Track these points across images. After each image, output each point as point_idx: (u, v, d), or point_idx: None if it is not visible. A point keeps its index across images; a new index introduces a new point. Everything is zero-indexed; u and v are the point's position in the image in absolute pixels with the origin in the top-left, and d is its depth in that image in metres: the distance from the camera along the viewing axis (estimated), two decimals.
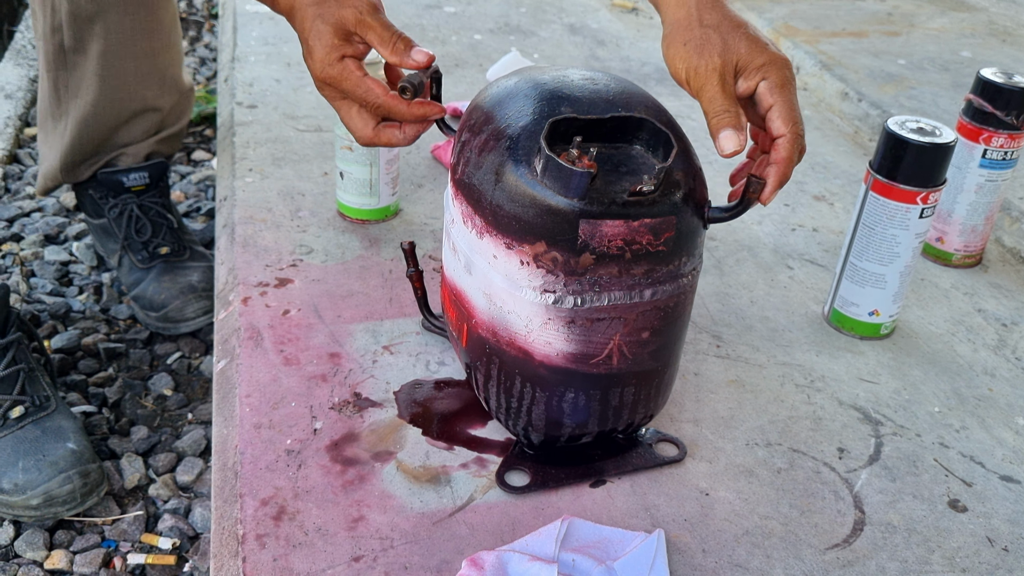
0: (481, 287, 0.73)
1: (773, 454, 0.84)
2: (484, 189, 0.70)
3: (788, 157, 0.74)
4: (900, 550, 0.75)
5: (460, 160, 0.74)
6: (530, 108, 0.70)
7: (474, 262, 0.73)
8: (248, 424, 0.81)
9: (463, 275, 0.76)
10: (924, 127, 0.93)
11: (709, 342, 0.97)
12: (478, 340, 0.76)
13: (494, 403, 0.78)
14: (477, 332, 0.75)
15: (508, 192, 0.68)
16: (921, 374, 0.96)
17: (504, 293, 0.71)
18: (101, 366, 1.27)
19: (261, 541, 0.71)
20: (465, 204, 0.73)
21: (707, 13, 0.76)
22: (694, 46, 0.75)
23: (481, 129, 0.72)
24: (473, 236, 0.72)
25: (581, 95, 0.71)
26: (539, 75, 0.74)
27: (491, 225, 0.70)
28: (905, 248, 0.94)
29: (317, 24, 0.79)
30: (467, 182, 0.72)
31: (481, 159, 0.71)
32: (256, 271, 1.02)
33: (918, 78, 1.60)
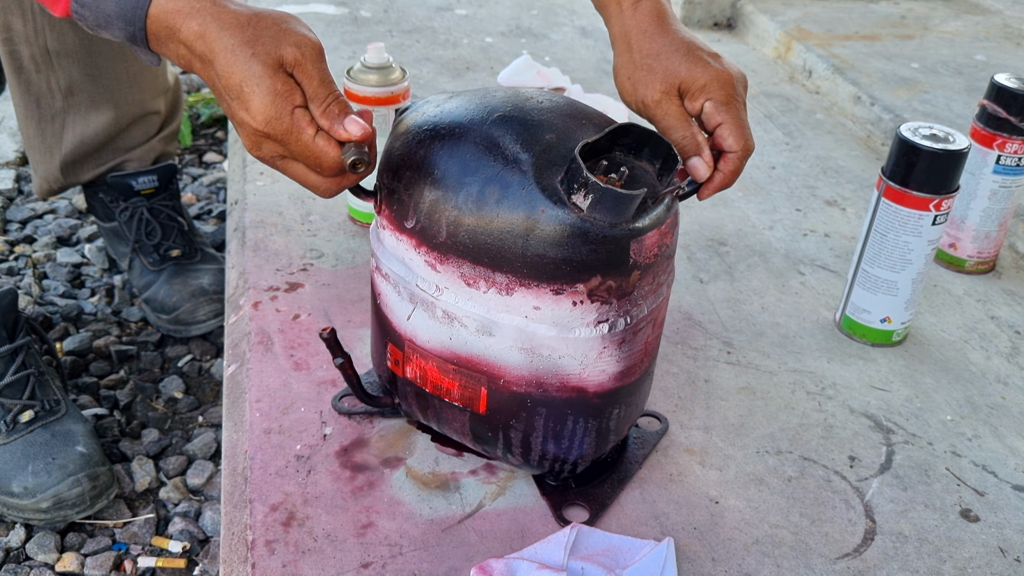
0: (515, 345, 0.68)
1: (784, 462, 0.83)
2: (508, 244, 0.64)
3: (736, 171, 0.75)
4: (911, 560, 0.75)
5: (434, 222, 0.66)
6: (513, 143, 0.65)
7: (498, 322, 0.67)
8: (258, 429, 0.82)
9: (475, 340, 0.69)
10: (937, 133, 0.92)
11: (720, 348, 0.97)
12: (512, 399, 0.70)
13: (536, 454, 0.73)
14: (510, 391, 0.70)
15: (550, 238, 0.63)
16: (933, 382, 0.95)
17: (553, 341, 0.67)
18: (112, 368, 1.27)
19: (271, 547, 0.71)
20: (472, 266, 0.66)
21: (646, 43, 0.76)
22: (638, 80, 0.76)
23: (457, 183, 0.65)
24: (494, 296, 0.67)
25: (531, 116, 0.67)
26: (469, 105, 0.68)
27: (528, 278, 0.65)
28: (918, 255, 0.94)
29: (253, 66, 0.64)
30: (468, 243, 0.65)
31: (487, 214, 0.64)
32: (267, 275, 1.02)
33: (931, 82, 1.60)
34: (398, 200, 0.69)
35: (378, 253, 0.73)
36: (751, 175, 1.33)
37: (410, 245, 0.69)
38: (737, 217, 1.22)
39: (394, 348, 0.74)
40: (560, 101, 0.70)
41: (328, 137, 0.66)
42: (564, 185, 0.63)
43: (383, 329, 0.75)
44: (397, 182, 0.69)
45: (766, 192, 1.29)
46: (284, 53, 0.64)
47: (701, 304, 1.04)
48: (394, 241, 0.70)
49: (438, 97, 0.72)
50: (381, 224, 0.72)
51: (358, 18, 1.81)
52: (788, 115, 1.54)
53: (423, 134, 0.68)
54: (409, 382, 0.75)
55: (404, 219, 0.68)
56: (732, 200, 1.26)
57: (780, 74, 1.72)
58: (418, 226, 0.67)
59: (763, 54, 1.81)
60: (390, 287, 0.72)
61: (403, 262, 0.70)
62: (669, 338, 0.98)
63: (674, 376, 0.92)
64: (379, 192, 0.71)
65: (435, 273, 0.68)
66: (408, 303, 0.71)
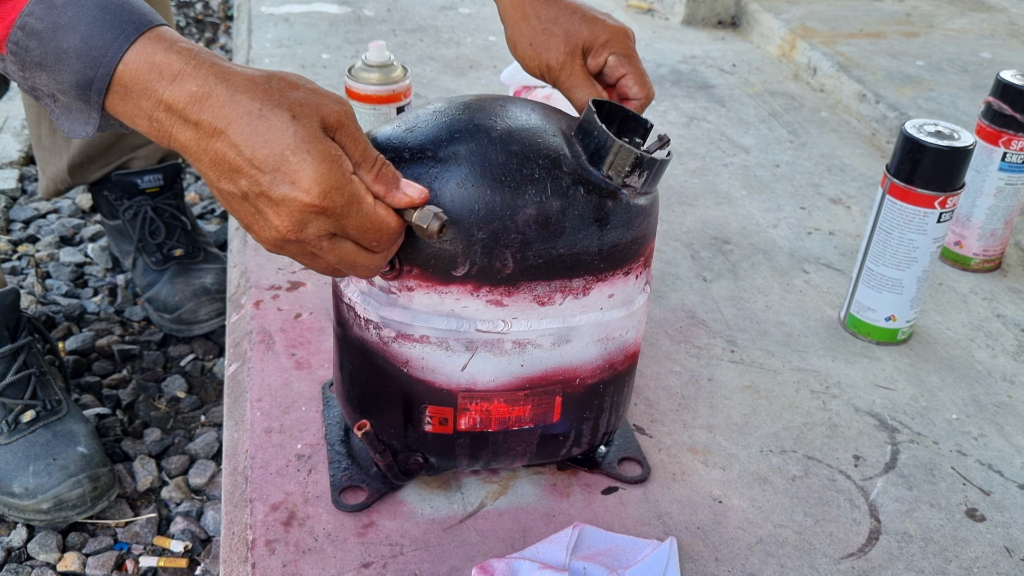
0: (591, 340, 0.69)
1: (787, 461, 0.83)
2: (583, 247, 0.64)
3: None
4: (916, 560, 0.74)
5: (496, 258, 0.63)
6: (539, 146, 0.64)
7: (575, 326, 0.68)
8: (259, 428, 0.81)
9: (550, 355, 0.68)
10: (942, 130, 0.91)
11: (723, 347, 0.96)
12: (587, 393, 0.72)
13: (601, 434, 0.75)
14: (586, 386, 0.71)
15: (622, 225, 0.65)
16: (939, 380, 0.95)
17: (623, 320, 0.70)
18: (115, 368, 1.27)
19: (271, 547, 0.70)
20: (547, 284, 0.65)
21: (543, 9, 0.78)
22: (540, 44, 0.78)
23: (511, 210, 0.62)
24: (570, 303, 0.67)
25: (509, 121, 0.66)
26: (450, 123, 0.65)
27: (604, 271, 0.66)
28: (923, 253, 0.93)
29: (298, 130, 0.54)
30: (540, 263, 0.64)
31: (555, 227, 0.63)
32: (268, 274, 1.02)
33: (937, 80, 1.59)
34: (434, 255, 0.63)
35: (403, 319, 0.66)
36: (755, 173, 1.33)
37: (463, 293, 0.64)
38: (741, 215, 1.22)
39: (438, 408, 0.69)
40: (498, 102, 0.69)
41: (386, 206, 0.58)
42: (613, 171, 0.65)
43: (414, 395, 0.69)
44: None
45: (770, 190, 1.29)
46: (326, 114, 0.55)
47: (705, 303, 1.03)
48: (435, 298, 0.65)
49: (389, 133, 0.65)
50: (405, 287, 0.65)
51: (361, 17, 1.81)
52: (792, 113, 1.54)
53: (434, 176, 0.62)
54: (463, 434, 0.71)
55: (451, 269, 0.63)
56: (736, 198, 1.26)
57: (784, 72, 1.71)
58: (473, 269, 0.63)
59: (767, 52, 1.80)
60: (431, 347, 0.67)
61: (451, 315, 0.65)
62: (672, 337, 0.97)
63: (677, 375, 0.92)
64: (397, 259, 0.64)
65: (501, 308, 0.65)
66: (463, 353, 0.67)
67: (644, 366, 0.92)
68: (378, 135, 0.66)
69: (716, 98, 1.57)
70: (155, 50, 0.54)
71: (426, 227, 0.58)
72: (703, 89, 1.61)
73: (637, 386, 0.90)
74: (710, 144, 1.41)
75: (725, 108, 1.54)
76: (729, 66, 1.72)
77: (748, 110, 1.54)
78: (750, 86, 1.63)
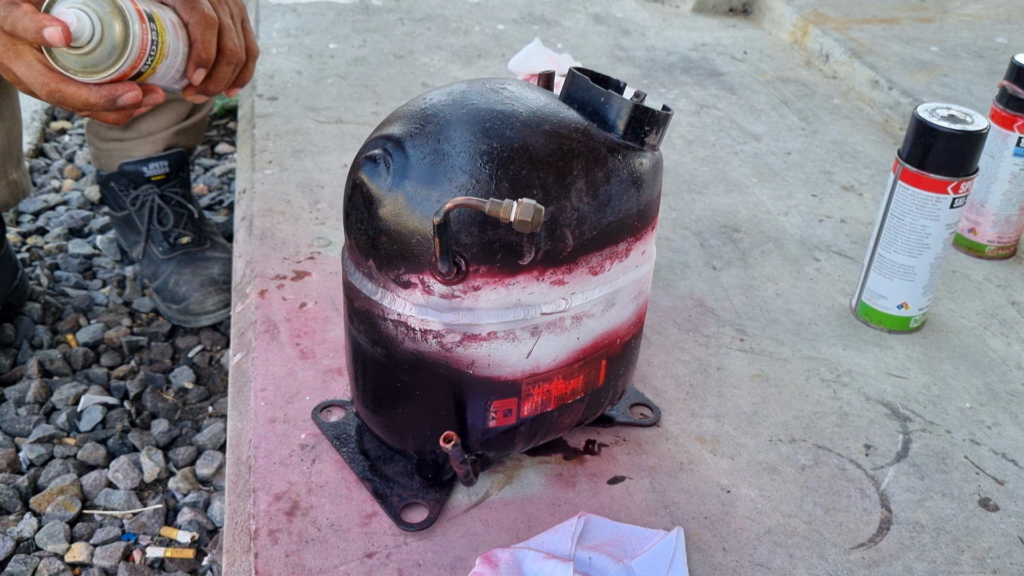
0: (629, 299, 0.71)
1: (797, 450, 0.82)
2: (625, 210, 0.66)
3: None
4: (928, 550, 0.73)
5: (558, 237, 0.63)
6: (564, 121, 0.64)
7: (619, 289, 0.69)
8: (263, 418, 0.81)
9: (600, 322, 0.69)
10: (955, 114, 0.90)
11: (732, 335, 0.95)
12: (625, 351, 0.74)
13: (626, 384, 0.78)
14: (624, 343, 0.73)
15: (652, 182, 0.68)
16: (952, 369, 0.93)
17: (648, 273, 0.73)
18: (123, 359, 1.27)
19: (274, 536, 0.70)
20: (599, 253, 0.66)
21: None
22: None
23: (562, 187, 0.62)
24: (616, 268, 0.68)
25: (517, 111, 0.65)
26: (473, 117, 0.63)
27: (639, 230, 0.69)
28: (935, 239, 0.92)
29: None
30: (595, 234, 0.65)
31: (602, 195, 0.64)
32: (274, 264, 1.01)
33: (951, 65, 1.57)
34: (502, 248, 0.62)
35: (470, 320, 0.64)
36: (766, 160, 1.31)
37: (529, 280, 0.64)
38: (751, 203, 1.20)
39: (503, 401, 0.68)
40: (495, 87, 0.67)
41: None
42: (632, 131, 0.66)
43: (479, 394, 0.68)
44: (493, 229, 0.61)
45: (781, 178, 1.27)
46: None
47: (714, 291, 1.02)
48: (502, 292, 0.63)
49: (396, 132, 0.64)
50: (470, 288, 0.63)
51: (369, 6, 1.80)
52: (804, 100, 1.52)
53: (486, 175, 0.61)
54: (525, 419, 0.70)
55: (518, 259, 0.62)
56: (747, 186, 1.24)
57: (796, 59, 1.69)
58: (539, 254, 0.63)
59: (779, 39, 1.78)
60: (498, 342, 0.65)
61: (517, 305, 0.64)
62: (681, 325, 0.96)
63: (685, 364, 0.91)
64: (461, 261, 0.62)
65: (563, 287, 0.65)
66: (528, 340, 0.66)
67: (652, 355, 0.91)
68: (406, 155, 0.62)
69: (727, 85, 1.56)
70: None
71: (531, 219, 0.57)
72: (713, 77, 1.59)
73: (644, 375, 0.89)
74: (720, 132, 1.39)
75: (736, 96, 1.52)
76: (740, 53, 1.70)
77: (759, 97, 1.52)
78: (761, 73, 1.62)
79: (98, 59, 0.77)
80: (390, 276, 0.64)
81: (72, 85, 0.77)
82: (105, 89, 0.78)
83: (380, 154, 0.63)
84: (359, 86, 1.46)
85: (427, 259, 0.62)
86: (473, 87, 0.67)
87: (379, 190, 0.63)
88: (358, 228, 0.65)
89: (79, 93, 0.77)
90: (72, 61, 0.77)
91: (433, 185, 0.61)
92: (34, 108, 1.85)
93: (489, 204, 0.58)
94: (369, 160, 0.63)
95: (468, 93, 0.66)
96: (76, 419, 1.16)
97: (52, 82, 0.77)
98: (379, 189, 0.63)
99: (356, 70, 1.52)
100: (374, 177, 0.63)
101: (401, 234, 0.62)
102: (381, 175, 0.62)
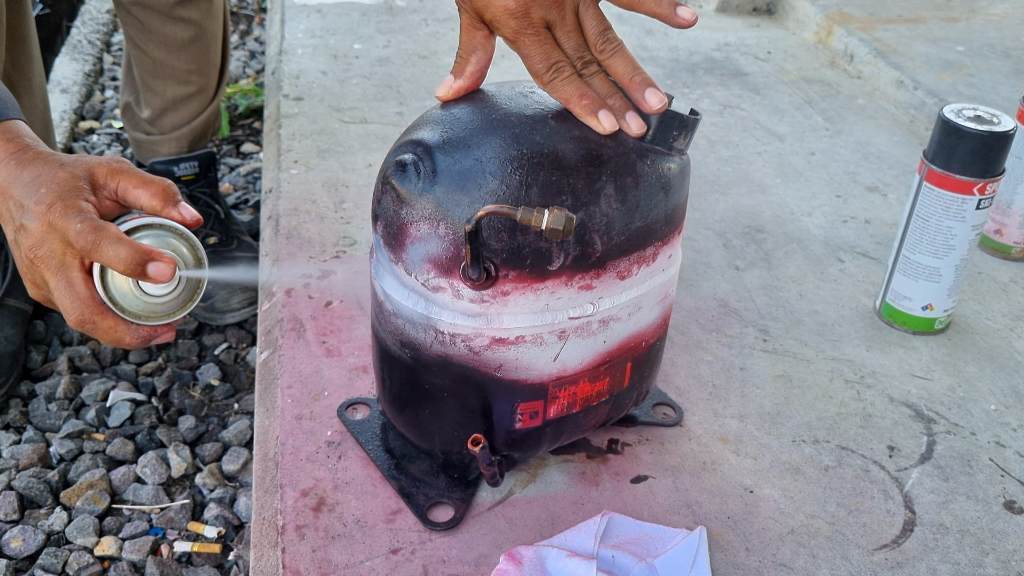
0: (655, 302, 0.71)
1: (820, 451, 0.82)
2: (654, 214, 0.66)
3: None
4: (952, 552, 0.73)
5: (587, 242, 0.63)
6: (575, 133, 0.64)
7: (647, 293, 0.69)
8: (289, 415, 0.82)
9: (626, 325, 0.69)
10: (982, 115, 0.89)
11: (756, 336, 0.95)
12: (650, 352, 0.74)
13: (652, 385, 0.79)
14: (650, 345, 0.74)
15: (679, 187, 0.68)
16: (977, 370, 0.93)
17: (674, 276, 0.73)
18: (151, 356, 1.29)
19: (300, 532, 0.71)
20: (627, 258, 0.66)
21: None
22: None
23: (592, 193, 0.62)
24: (643, 272, 0.68)
25: (545, 115, 0.66)
26: (499, 124, 0.64)
27: (666, 233, 0.68)
28: (961, 240, 0.91)
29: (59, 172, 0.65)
30: (623, 239, 0.65)
31: (630, 200, 0.64)
32: (300, 263, 1.02)
33: (977, 65, 1.55)
34: (532, 254, 0.62)
35: (498, 325, 0.65)
36: (790, 161, 1.31)
37: (558, 285, 0.64)
38: (775, 203, 1.20)
39: (529, 404, 0.69)
40: (515, 91, 0.69)
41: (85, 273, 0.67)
42: (662, 135, 0.66)
43: (506, 397, 0.68)
44: (523, 235, 0.61)
45: (805, 178, 1.27)
46: (93, 165, 0.68)
47: (737, 291, 1.02)
48: (530, 297, 0.64)
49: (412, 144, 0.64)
50: (499, 293, 0.63)
51: (393, 7, 1.81)
52: (828, 100, 1.51)
53: (516, 181, 0.61)
54: (551, 421, 0.71)
55: (547, 265, 0.63)
56: (770, 186, 1.24)
57: (821, 59, 1.68)
58: (568, 259, 0.63)
59: (803, 39, 1.78)
60: (526, 346, 0.66)
61: (545, 309, 0.65)
62: (704, 326, 0.96)
63: (708, 364, 0.91)
64: (491, 266, 0.62)
65: (591, 292, 0.65)
66: (556, 344, 0.66)
67: (675, 355, 0.92)
68: (436, 160, 0.63)
69: (750, 85, 1.56)
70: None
71: (563, 228, 0.58)
72: (737, 76, 1.59)
73: (667, 374, 0.89)
74: (744, 132, 1.39)
75: (760, 96, 1.52)
76: (764, 53, 1.70)
77: (783, 97, 1.52)
78: (785, 73, 1.61)
79: (166, 306, 0.68)
80: (419, 280, 0.65)
81: (110, 319, 0.67)
82: (145, 331, 0.69)
83: (410, 158, 0.63)
84: (383, 86, 1.47)
85: (457, 264, 0.63)
86: (501, 91, 0.67)
87: (409, 194, 0.63)
88: (386, 232, 0.66)
89: (115, 330, 0.67)
90: (132, 302, 0.67)
91: (463, 190, 0.61)
92: (63, 108, 1.87)
93: (521, 212, 0.58)
94: (399, 164, 0.64)
95: (497, 97, 0.66)
96: (105, 415, 1.18)
97: (88, 311, 0.66)
98: (409, 193, 0.63)
99: (380, 70, 1.53)
100: (404, 181, 0.63)
101: (431, 239, 0.63)
102: (411, 179, 0.63)
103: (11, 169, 0.66)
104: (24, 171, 0.66)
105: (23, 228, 0.65)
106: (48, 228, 0.64)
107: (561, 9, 0.65)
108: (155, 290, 0.67)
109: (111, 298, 0.66)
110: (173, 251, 0.67)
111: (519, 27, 0.65)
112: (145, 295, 0.67)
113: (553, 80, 0.65)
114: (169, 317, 0.68)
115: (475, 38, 0.68)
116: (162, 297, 0.68)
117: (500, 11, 0.65)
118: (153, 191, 0.67)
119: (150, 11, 1.24)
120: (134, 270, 0.64)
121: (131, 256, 0.63)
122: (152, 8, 1.23)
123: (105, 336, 0.68)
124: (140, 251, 0.64)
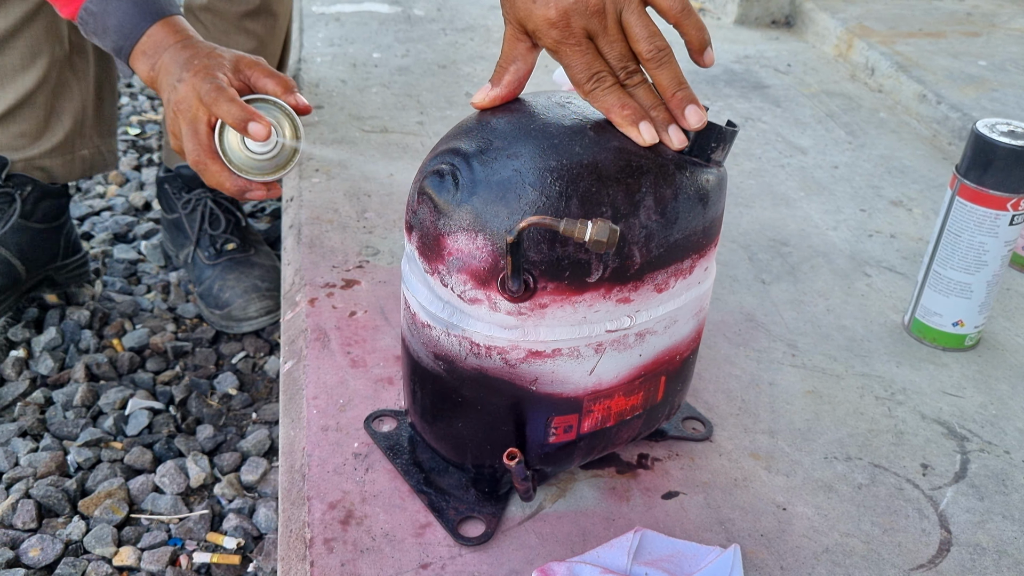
0: (690, 315, 0.70)
1: (853, 469, 0.80)
2: (692, 227, 0.65)
3: None
4: (990, 573, 0.72)
5: (626, 255, 0.62)
6: (611, 143, 0.63)
7: (683, 306, 0.69)
8: (315, 426, 0.81)
9: (662, 339, 0.69)
10: (1016, 129, 0.88)
11: (784, 351, 0.94)
12: (684, 366, 0.74)
13: (684, 394, 0.78)
14: (684, 359, 0.73)
15: (717, 199, 0.68)
16: (1009, 388, 0.92)
17: (709, 289, 0.72)
18: (168, 364, 1.28)
19: (329, 545, 0.70)
20: (664, 270, 0.65)
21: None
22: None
23: (631, 205, 0.62)
24: (680, 285, 0.67)
25: (584, 126, 0.65)
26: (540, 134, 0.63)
27: (703, 246, 0.68)
28: (993, 256, 0.90)
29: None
30: (662, 252, 0.64)
31: (670, 213, 0.63)
32: (323, 272, 1.01)
33: (1000, 80, 1.55)
34: (571, 266, 0.61)
35: (536, 337, 0.64)
36: (813, 174, 1.30)
37: (596, 298, 0.63)
38: (799, 217, 1.19)
39: (563, 418, 0.68)
40: (552, 101, 0.68)
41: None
42: (700, 147, 0.66)
43: (540, 410, 0.67)
44: (562, 247, 0.61)
45: (829, 192, 1.26)
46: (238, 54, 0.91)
47: (764, 305, 1.01)
48: (568, 309, 0.63)
49: (453, 152, 0.64)
50: (537, 305, 0.62)
51: (411, 16, 1.81)
52: (850, 114, 1.51)
53: (556, 192, 0.60)
54: (584, 435, 0.70)
55: (586, 277, 0.62)
56: (794, 200, 1.23)
57: (841, 72, 1.68)
58: (607, 272, 0.62)
59: (823, 52, 1.77)
60: (562, 359, 0.65)
61: (583, 322, 0.64)
62: (731, 340, 0.95)
63: (737, 378, 0.90)
64: (529, 278, 0.62)
65: (628, 305, 0.65)
66: (592, 357, 0.66)
67: (703, 369, 0.91)
68: (475, 170, 0.62)
69: (771, 98, 1.55)
70: (164, 33, 0.89)
71: (607, 240, 0.57)
72: (758, 89, 1.58)
73: (696, 388, 0.88)
74: (766, 145, 1.38)
75: (781, 108, 1.51)
76: (784, 66, 1.69)
77: (804, 111, 1.51)
78: (806, 86, 1.61)
79: (262, 166, 0.87)
80: (455, 292, 0.64)
81: (218, 165, 0.86)
82: (242, 182, 0.87)
83: (448, 168, 0.63)
84: (403, 95, 1.46)
85: (494, 275, 0.62)
86: (538, 100, 0.67)
87: (446, 204, 0.62)
88: (422, 242, 0.65)
89: (220, 175, 0.86)
90: (237, 155, 0.86)
91: (502, 201, 0.61)
92: None
93: (564, 224, 0.57)
94: (436, 174, 0.63)
95: (534, 107, 0.66)
96: (123, 423, 1.17)
97: (204, 156, 0.86)
98: (446, 203, 0.62)
99: (400, 79, 1.52)
100: (441, 191, 0.63)
101: (468, 250, 0.62)
102: (448, 189, 0.62)
103: (177, 51, 0.87)
104: (185, 52, 0.87)
105: (174, 88, 0.85)
106: (190, 88, 0.84)
107: (603, 19, 0.65)
108: (257, 148, 0.86)
109: (223, 150, 0.86)
110: (275, 121, 0.87)
111: (560, 37, 0.65)
112: (249, 151, 0.86)
113: (594, 90, 0.65)
114: (264, 176, 0.87)
115: (517, 49, 0.68)
116: (262, 156, 0.86)
117: (541, 22, 0.64)
118: (276, 81, 0.88)
119: (219, 18, 1.25)
120: (238, 124, 0.82)
121: (238, 113, 0.82)
122: (222, 15, 1.24)
123: (211, 179, 0.87)
124: (246, 111, 0.83)
